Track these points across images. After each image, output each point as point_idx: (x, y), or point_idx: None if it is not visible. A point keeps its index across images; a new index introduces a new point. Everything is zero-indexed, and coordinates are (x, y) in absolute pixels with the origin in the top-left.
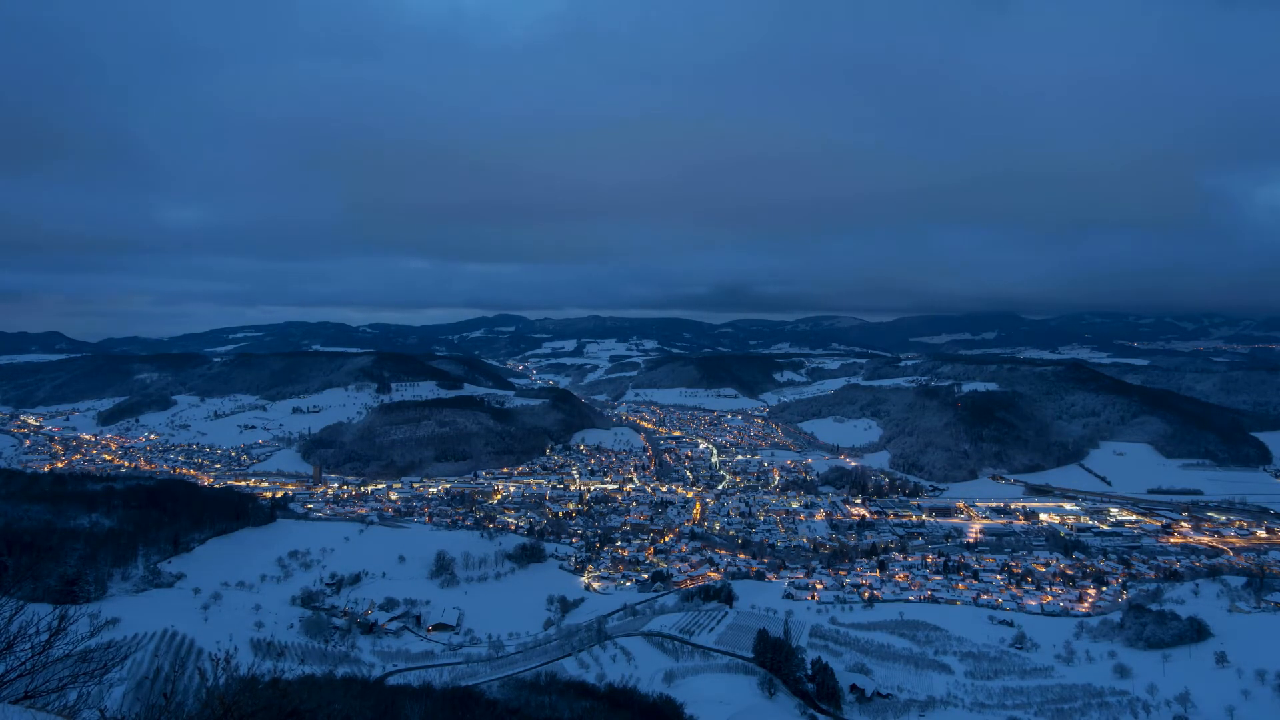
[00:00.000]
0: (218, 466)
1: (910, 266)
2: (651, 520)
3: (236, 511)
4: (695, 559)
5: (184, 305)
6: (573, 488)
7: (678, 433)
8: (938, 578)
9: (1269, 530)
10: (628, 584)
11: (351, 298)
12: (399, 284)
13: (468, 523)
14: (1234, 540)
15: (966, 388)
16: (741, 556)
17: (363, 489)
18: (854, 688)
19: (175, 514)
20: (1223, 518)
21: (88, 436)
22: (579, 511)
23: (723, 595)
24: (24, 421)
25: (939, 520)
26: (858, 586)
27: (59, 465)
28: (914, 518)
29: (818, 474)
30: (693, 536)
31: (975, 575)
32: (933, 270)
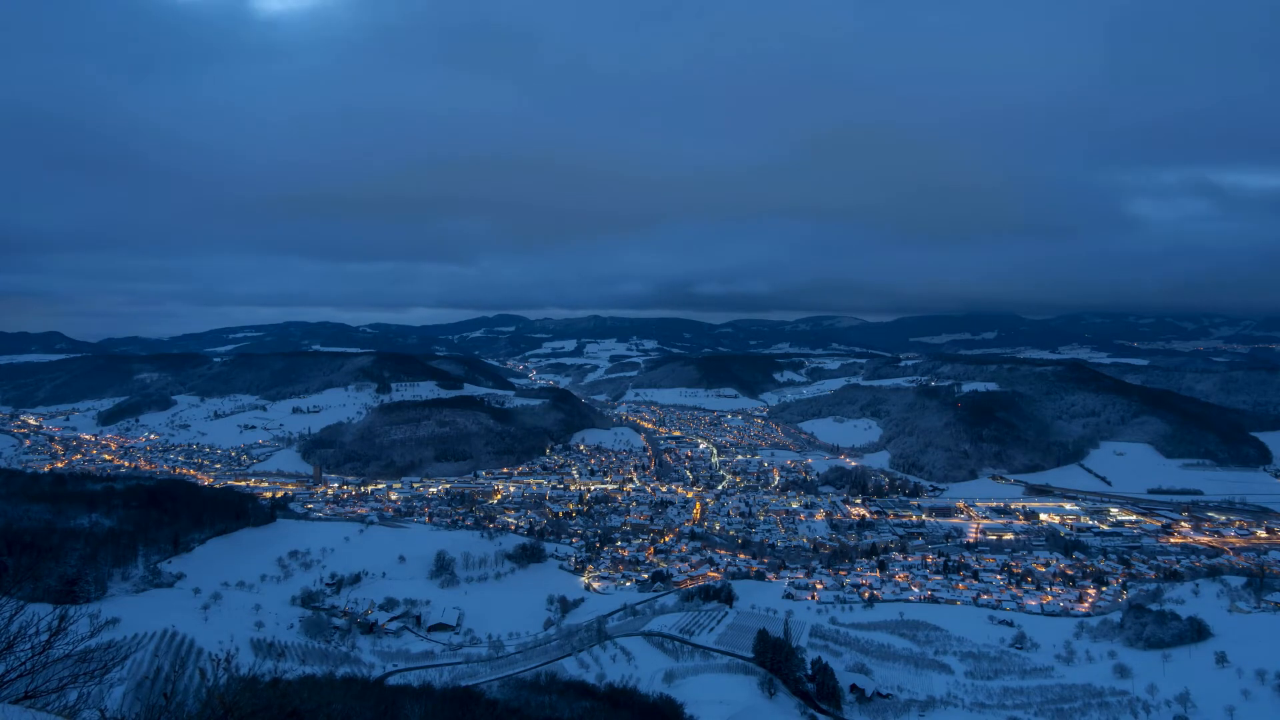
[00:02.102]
0: (218, 466)
1: (836, 267)
2: (651, 520)
3: (236, 511)
4: (695, 559)
5: None
6: (573, 488)
7: (678, 433)
8: (938, 578)
9: (1269, 530)
10: (628, 584)
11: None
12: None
13: (468, 523)
14: (1234, 540)
15: (966, 388)
16: (741, 556)
17: (363, 489)
18: (854, 688)
19: (175, 514)
20: (1223, 518)
21: (88, 436)
22: (579, 511)
23: (723, 595)
24: (24, 421)
25: (939, 520)
26: (858, 586)
27: (59, 465)
28: (914, 518)
29: (818, 474)
30: (693, 536)
31: (975, 575)
32: (854, 269)
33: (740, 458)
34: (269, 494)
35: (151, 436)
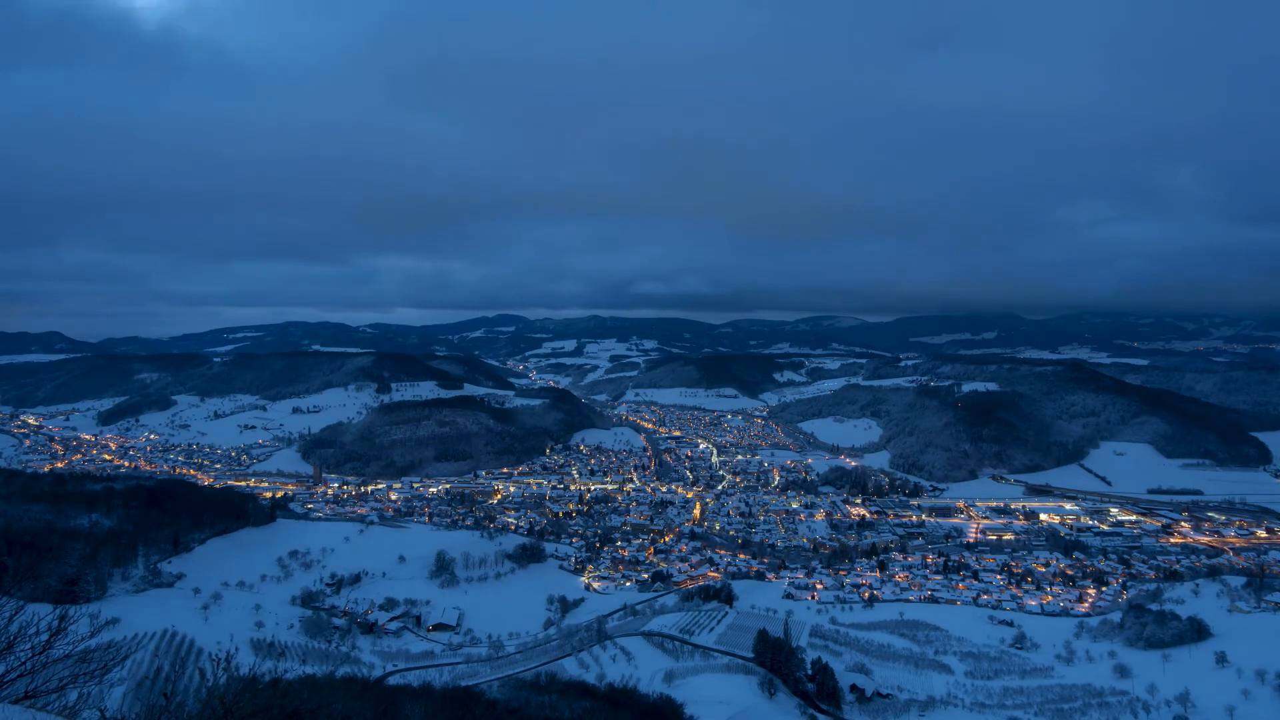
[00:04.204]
0: (218, 466)
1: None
2: (651, 520)
3: (236, 511)
4: (695, 559)
5: None
6: (573, 488)
7: (678, 433)
8: (938, 578)
9: (1269, 530)
10: (628, 584)
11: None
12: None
13: (468, 523)
14: (1234, 540)
15: (966, 388)
16: (741, 556)
17: (363, 489)
18: (854, 688)
19: (175, 514)
20: (1223, 518)
21: (88, 436)
22: (579, 511)
23: (723, 595)
24: (24, 421)
25: (939, 520)
26: (858, 586)
27: (59, 465)
28: (914, 518)
29: (818, 474)
30: (693, 536)
31: (975, 575)
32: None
33: (740, 458)
34: (269, 494)
35: (151, 436)
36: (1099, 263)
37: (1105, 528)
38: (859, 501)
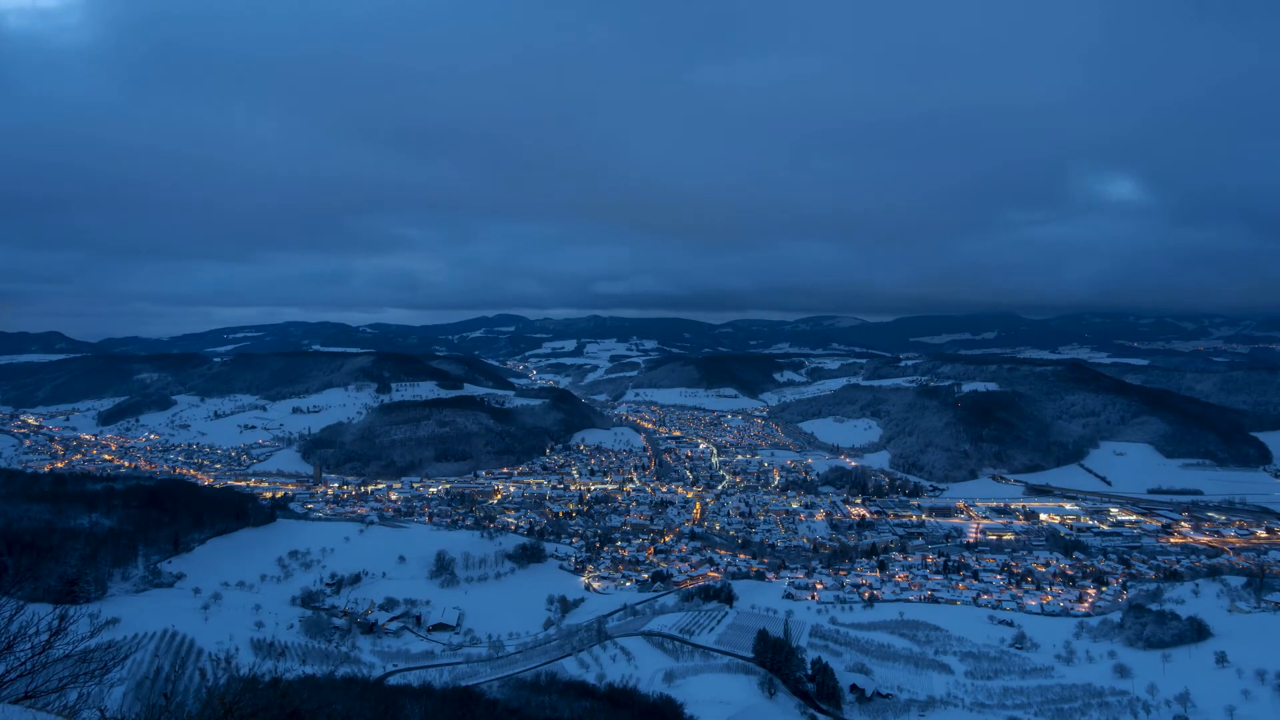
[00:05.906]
0: (218, 466)
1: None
2: (651, 520)
3: (236, 511)
4: (695, 559)
5: None
6: (573, 488)
7: (678, 433)
8: (938, 578)
9: (1269, 530)
10: (628, 584)
11: None
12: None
13: (468, 523)
14: (1234, 540)
15: (966, 388)
16: (741, 556)
17: (363, 489)
18: (854, 688)
19: (175, 514)
20: (1223, 518)
21: (88, 436)
22: (579, 511)
23: (723, 595)
24: (24, 421)
25: (939, 520)
26: (858, 586)
27: (59, 465)
28: (914, 518)
29: (818, 474)
30: (693, 536)
31: (975, 575)
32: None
33: (740, 458)
34: (269, 494)
35: (151, 436)
36: (1043, 266)
37: (1105, 528)
38: (859, 501)
